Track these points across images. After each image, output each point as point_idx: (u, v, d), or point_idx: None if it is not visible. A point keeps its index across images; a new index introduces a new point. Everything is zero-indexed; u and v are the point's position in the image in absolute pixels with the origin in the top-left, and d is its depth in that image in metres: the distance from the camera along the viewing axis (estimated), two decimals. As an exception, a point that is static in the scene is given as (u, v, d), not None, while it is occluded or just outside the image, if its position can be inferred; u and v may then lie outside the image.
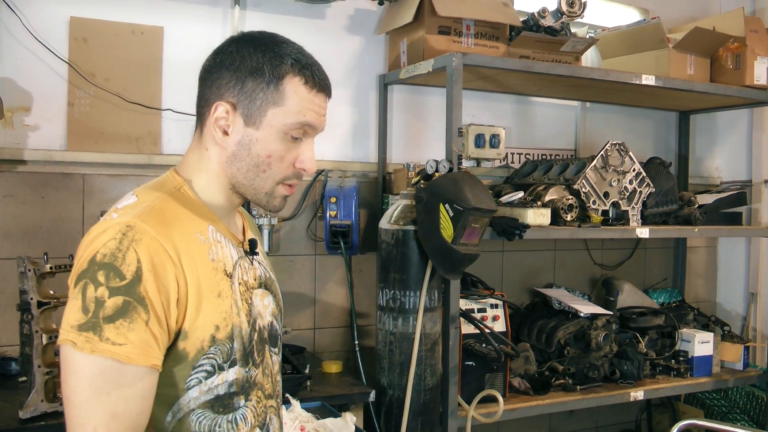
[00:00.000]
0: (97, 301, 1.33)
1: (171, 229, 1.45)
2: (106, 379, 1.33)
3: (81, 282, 1.36)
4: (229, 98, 1.53)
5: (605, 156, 3.44)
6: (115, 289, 1.34)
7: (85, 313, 1.33)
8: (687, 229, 3.76)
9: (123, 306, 1.34)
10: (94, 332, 1.32)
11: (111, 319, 1.33)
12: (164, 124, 3.34)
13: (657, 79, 3.51)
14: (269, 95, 1.52)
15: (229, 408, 1.52)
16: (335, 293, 3.69)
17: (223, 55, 1.56)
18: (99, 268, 1.35)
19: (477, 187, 2.87)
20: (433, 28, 3.33)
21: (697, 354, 3.81)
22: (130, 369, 1.34)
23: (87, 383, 1.33)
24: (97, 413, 1.33)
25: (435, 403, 3.05)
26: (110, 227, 1.40)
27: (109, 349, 1.32)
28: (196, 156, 1.60)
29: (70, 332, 1.33)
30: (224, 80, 1.53)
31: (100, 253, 1.36)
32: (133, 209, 1.45)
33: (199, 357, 1.46)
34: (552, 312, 3.69)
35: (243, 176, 1.57)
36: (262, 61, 1.53)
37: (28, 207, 3.10)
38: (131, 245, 1.37)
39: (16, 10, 3.06)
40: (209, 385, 1.48)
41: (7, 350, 3.02)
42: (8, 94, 3.04)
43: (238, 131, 1.54)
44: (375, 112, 3.76)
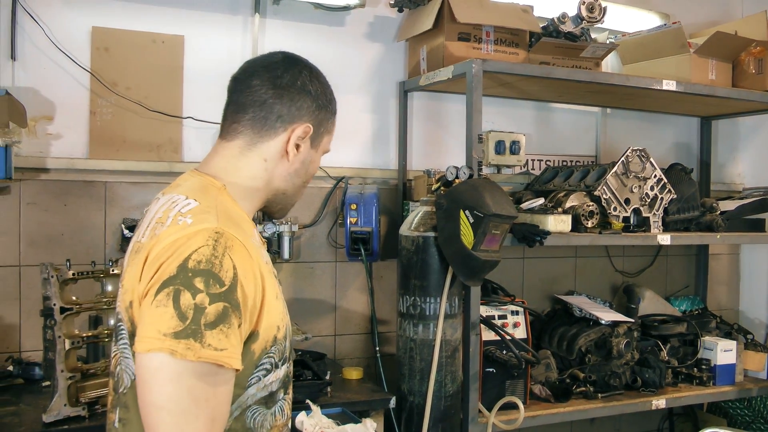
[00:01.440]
0: (196, 308, 1.35)
1: (242, 232, 1.51)
2: (206, 384, 1.36)
3: (169, 288, 1.37)
4: (308, 121, 1.67)
5: (626, 162, 3.42)
6: (216, 295, 1.37)
7: (182, 320, 1.34)
8: (709, 235, 3.73)
9: (223, 312, 1.37)
10: (195, 339, 1.34)
11: (213, 325, 1.36)
12: (185, 132, 3.36)
13: (678, 84, 3.50)
14: (328, 125, 1.74)
15: (274, 402, 1.59)
16: (356, 300, 3.69)
17: (302, 78, 1.68)
18: (195, 274, 1.37)
19: (497, 194, 2.86)
20: (452, 35, 3.33)
21: (720, 362, 3.77)
22: (227, 373, 1.40)
23: (187, 391, 1.35)
24: (199, 419, 1.36)
25: (455, 410, 3.03)
26: (196, 233, 1.43)
27: (212, 355, 1.35)
28: (242, 163, 1.64)
29: (165, 340, 1.33)
30: (306, 103, 1.67)
31: (193, 260, 1.38)
32: (208, 213, 1.49)
33: (262, 357, 1.52)
34: (573, 319, 3.67)
35: (293, 189, 1.72)
36: (330, 96, 1.75)
37: (51, 214, 3.13)
38: (226, 252, 1.41)
39: (39, 20, 3.10)
40: (265, 383, 1.55)
41: (31, 355, 3.05)
42: (31, 104, 3.08)
43: (306, 151, 1.69)
44: (395, 119, 3.77)
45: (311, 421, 2.46)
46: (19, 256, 3.08)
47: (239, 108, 1.64)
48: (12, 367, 2.96)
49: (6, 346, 3.07)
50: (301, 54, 3.57)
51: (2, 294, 3.07)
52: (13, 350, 3.07)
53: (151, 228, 1.52)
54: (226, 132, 1.67)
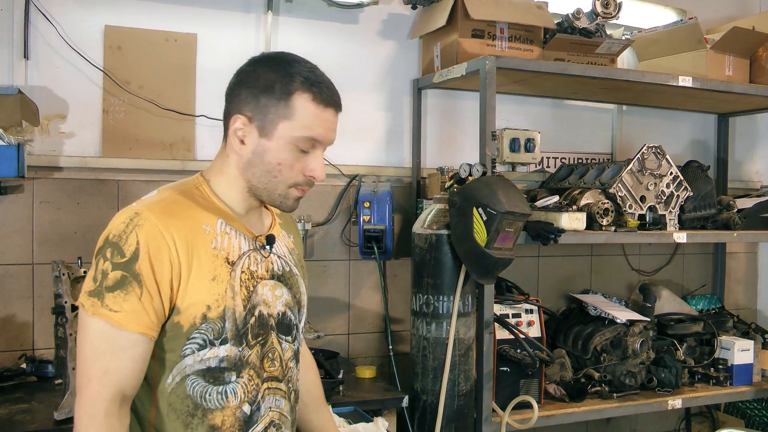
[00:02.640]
0: (103, 273, 1.58)
1: (174, 219, 1.65)
2: (104, 340, 1.57)
3: (97, 256, 1.62)
4: (245, 112, 1.72)
5: (642, 159, 3.39)
6: (117, 264, 1.58)
7: (94, 282, 1.59)
8: (726, 233, 3.70)
9: (121, 279, 1.58)
10: (98, 298, 1.57)
11: (111, 288, 1.57)
12: (198, 130, 3.36)
13: (694, 80, 3.46)
14: (280, 110, 1.70)
15: (220, 381, 1.70)
16: (369, 298, 3.68)
17: (242, 75, 1.76)
18: (107, 245, 1.60)
19: (511, 191, 2.84)
20: (466, 32, 3.31)
21: (737, 362, 3.72)
22: (123, 334, 1.58)
23: (90, 341, 1.58)
24: (94, 367, 1.57)
25: (469, 409, 3.01)
26: (123, 212, 1.66)
27: (106, 314, 1.56)
28: (219, 161, 1.82)
29: (82, 296, 1.60)
30: (242, 96, 1.73)
31: (110, 233, 1.62)
32: (148, 200, 1.70)
33: (192, 331, 1.66)
34: (588, 318, 3.64)
35: (257, 180, 1.76)
36: (274, 79, 1.71)
37: (64, 213, 3.13)
38: (134, 229, 1.60)
39: (52, 19, 3.10)
40: (201, 357, 1.67)
41: (44, 353, 3.06)
42: (44, 102, 3.08)
43: (253, 141, 1.73)
44: (409, 116, 3.75)
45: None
46: (32, 254, 3.09)
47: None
48: (25, 365, 2.96)
49: (19, 344, 3.08)
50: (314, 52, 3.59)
51: (15, 292, 3.07)
52: (26, 348, 3.08)
53: None
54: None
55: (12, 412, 2.54)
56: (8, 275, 3.06)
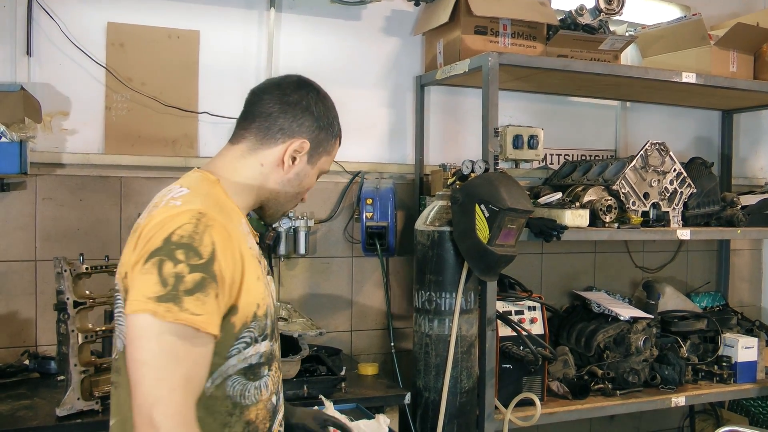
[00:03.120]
0: (176, 276, 1.51)
1: (227, 218, 1.68)
2: (183, 345, 1.50)
3: (154, 259, 1.53)
4: (307, 137, 1.84)
5: (645, 156, 3.38)
6: (195, 266, 1.52)
7: (163, 285, 1.50)
8: (730, 230, 3.68)
9: (200, 281, 1.52)
10: (174, 303, 1.49)
11: (190, 291, 1.51)
12: (201, 127, 3.36)
13: (698, 76, 3.44)
14: (328, 146, 1.90)
15: (257, 376, 1.73)
16: (372, 295, 3.68)
17: (308, 99, 1.85)
18: (177, 247, 1.53)
19: (513, 188, 2.83)
20: (469, 28, 3.30)
21: (741, 359, 3.70)
22: (201, 337, 1.53)
23: (167, 349, 1.49)
24: (175, 375, 1.49)
25: (471, 406, 3.01)
26: (181, 213, 1.59)
27: (188, 318, 1.49)
28: (240, 164, 1.83)
29: (148, 303, 1.49)
30: (308, 122, 1.84)
31: (176, 234, 1.54)
32: (196, 198, 1.66)
33: (242, 330, 1.67)
34: (591, 315, 3.63)
35: (284, 197, 1.88)
36: (332, 120, 1.90)
37: (67, 210, 3.13)
38: (206, 230, 1.57)
39: (54, 16, 3.10)
40: (245, 355, 1.69)
41: (47, 350, 3.06)
42: (47, 99, 3.09)
43: (301, 164, 1.85)
44: (412, 113, 3.75)
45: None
46: (34, 251, 3.09)
47: (248, 117, 1.84)
48: (28, 361, 2.97)
49: (22, 340, 3.08)
50: (317, 49, 3.61)
51: (18, 289, 3.08)
52: (29, 344, 3.09)
53: (148, 211, 1.70)
54: (233, 137, 1.86)
55: (14, 408, 2.55)
56: (11, 271, 3.07)
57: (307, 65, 3.51)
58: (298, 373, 2.88)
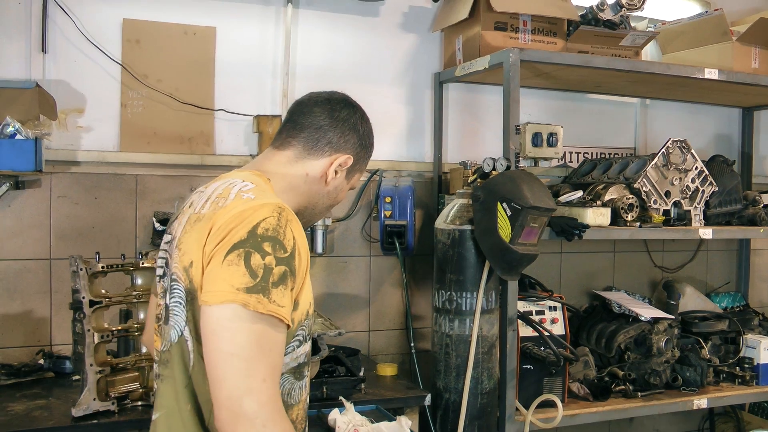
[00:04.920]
0: (265, 268, 1.54)
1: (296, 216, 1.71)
2: (270, 336, 1.54)
3: (240, 250, 1.55)
4: (351, 154, 1.91)
5: (666, 154, 3.33)
6: (281, 259, 1.56)
7: (253, 277, 1.53)
8: (752, 229, 3.63)
9: (284, 274, 1.57)
10: (264, 294, 1.52)
11: (276, 284, 1.55)
12: (217, 124, 3.32)
13: (720, 73, 3.39)
14: (363, 165, 1.98)
15: (301, 376, 1.76)
16: (390, 295, 3.64)
17: (355, 118, 1.93)
18: (264, 239, 1.56)
19: (535, 186, 2.79)
20: (488, 24, 3.26)
21: (763, 361, 3.63)
22: (282, 327, 1.57)
23: (256, 340, 1.51)
24: (266, 365, 1.51)
25: (492, 408, 2.97)
26: (263, 206, 1.61)
27: (276, 310, 1.53)
28: (287, 170, 1.86)
29: (238, 294, 1.51)
30: (353, 139, 1.91)
31: (261, 227, 1.57)
32: (266, 192, 1.71)
33: (298, 328, 1.70)
34: (612, 315, 3.57)
35: (320, 207, 1.94)
36: (372, 141, 1.99)
37: (82, 207, 3.11)
38: (288, 224, 1.61)
39: (70, 12, 3.08)
40: (297, 354, 1.72)
41: (62, 349, 3.04)
42: (62, 96, 3.06)
43: (341, 179, 1.92)
44: (430, 110, 3.71)
45: (344, 418, 2.41)
46: (49, 249, 3.06)
47: (297, 126, 1.88)
48: (43, 361, 2.95)
49: (37, 339, 3.05)
50: (335, 45, 3.58)
51: (33, 287, 3.05)
52: (44, 344, 3.06)
53: (212, 202, 1.70)
54: (279, 143, 1.89)
55: (29, 408, 2.52)
56: (26, 270, 3.04)
57: (325, 62, 3.48)
58: (316, 374, 2.84)
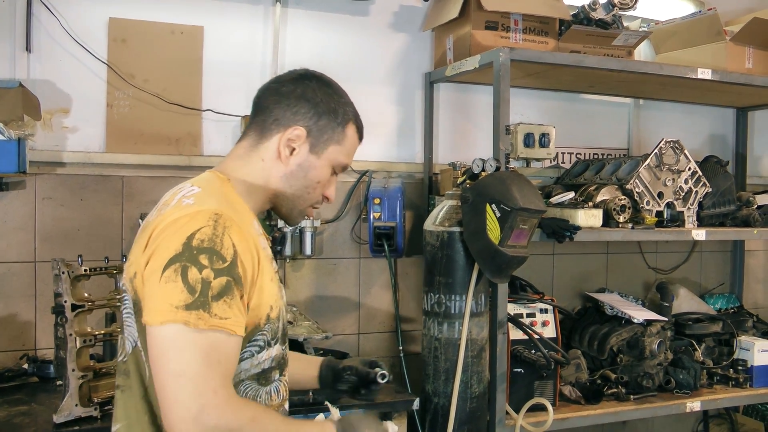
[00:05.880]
0: (203, 282, 1.49)
1: (242, 217, 1.66)
2: (218, 350, 1.49)
3: (176, 264, 1.50)
4: (303, 125, 1.79)
5: (659, 154, 3.30)
6: (219, 270, 1.52)
7: (191, 293, 1.48)
8: (745, 231, 3.60)
9: (227, 285, 1.52)
10: (204, 309, 1.48)
11: (217, 296, 1.50)
12: (204, 125, 3.29)
13: (713, 72, 3.36)
14: (335, 134, 1.83)
15: (269, 381, 1.72)
16: (380, 297, 3.60)
17: (303, 87, 1.81)
18: (199, 252, 1.51)
19: (525, 187, 2.75)
20: (479, 24, 3.23)
21: (757, 363, 3.61)
22: (233, 339, 1.53)
23: (202, 356, 1.47)
24: (214, 379, 1.47)
25: (482, 412, 2.93)
26: (197, 213, 1.56)
27: (220, 324, 1.49)
28: (244, 162, 1.80)
29: (177, 312, 1.47)
30: (303, 109, 1.79)
31: (196, 238, 1.52)
32: (209, 197, 1.63)
33: (255, 333, 1.65)
34: (604, 318, 3.55)
35: (292, 193, 1.82)
36: (337, 105, 1.83)
37: (67, 209, 3.07)
38: (225, 231, 1.55)
39: (55, 11, 3.04)
40: (258, 360, 1.68)
41: (47, 353, 3.00)
42: (47, 96, 3.03)
43: (302, 155, 1.80)
44: (421, 111, 3.67)
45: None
46: (34, 252, 3.02)
47: (251, 114, 1.85)
48: (27, 366, 2.91)
49: (21, 343, 3.01)
50: (324, 45, 3.54)
51: (17, 290, 3.01)
52: (28, 348, 3.02)
53: (158, 209, 1.67)
54: (241, 137, 1.86)
55: (11, 414, 2.48)
56: (10, 273, 3.00)
57: (314, 62, 3.36)
58: (303, 378, 2.80)
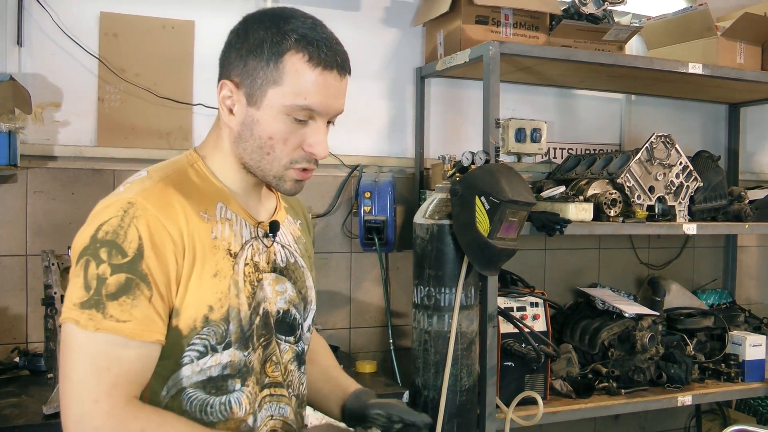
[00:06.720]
0: (99, 279, 1.35)
1: (172, 207, 1.45)
2: (108, 355, 1.34)
3: (83, 259, 1.37)
4: (233, 77, 1.52)
5: (650, 149, 3.31)
6: (117, 266, 1.36)
7: (87, 290, 1.34)
8: (737, 225, 3.60)
9: (125, 283, 1.36)
10: (97, 309, 1.34)
11: (114, 296, 1.35)
12: (195, 119, 3.29)
13: (704, 67, 3.36)
14: (269, 74, 1.48)
15: (223, 390, 1.52)
16: (371, 292, 3.61)
17: (232, 35, 1.56)
18: (101, 245, 1.37)
19: (514, 180, 2.75)
20: (470, 18, 3.23)
21: (749, 358, 3.61)
22: (134, 344, 1.36)
23: (88, 360, 1.33)
24: (98, 386, 1.33)
25: (472, 405, 2.93)
26: (112, 203, 1.42)
27: (112, 326, 1.34)
28: (214, 135, 1.62)
29: (72, 310, 1.35)
30: (231, 59, 1.53)
31: (102, 230, 1.38)
32: (140, 185, 1.46)
33: (191, 336, 1.46)
34: (596, 312, 3.55)
35: (249, 157, 1.55)
36: (264, 38, 1.48)
37: (59, 203, 3.07)
38: (132, 222, 1.38)
39: (46, 5, 3.04)
40: (201, 366, 1.48)
41: (38, 347, 2.99)
42: (38, 90, 3.03)
43: (242, 111, 1.52)
44: (412, 105, 3.67)
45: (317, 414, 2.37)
46: (25, 245, 3.03)
47: None
48: (18, 359, 2.91)
49: (12, 337, 3.02)
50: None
51: (8, 284, 3.01)
52: (19, 341, 3.02)
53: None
54: None
55: (1, 406, 2.48)
56: (1, 267, 3.00)
57: (305, 56, 3.44)
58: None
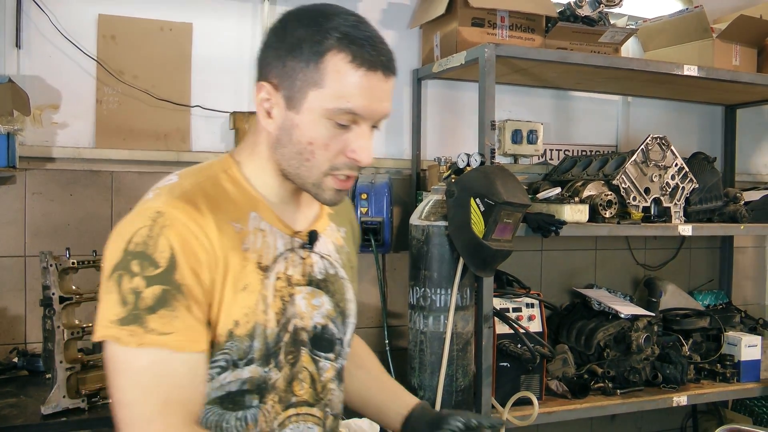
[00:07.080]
0: (134, 293, 1.29)
1: (204, 215, 1.38)
2: (155, 371, 1.29)
3: (116, 273, 1.31)
4: (271, 78, 1.43)
5: (646, 150, 3.32)
6: (151, 278, 1.29)
7: (123, 305, 1.29)
8: (732, 226, 3.61)
9: (162, 295, 1.30)
10: (138, 324, 1.28)
11: (152, 309, 1.29)
12: (193, 121, 3.30)
13: (700, 69, 3.37)
14: (309, 75, 1.38)
15: (240, 406, 1.46)
16: (368, 292, 3.62)
17: (270, 33, 1.47)
18: (133, 257, 1.30)
19: (510, 181, 2.77)
20: (466, 20, 3.25)
21: (744, 358, 3.63)
22: (180, 357, 1.31)
23: (135, 379, 1.29)
24: (149, 405, 1.28)
25: (467, 405, 2.95)
26: (141, 212, 1.35)
27: (156, 340, 1.28)
28: (251, 139, 1.53)
29: (110, 327, 1.29)
30: (269, 59, 1.44)
31: (132, 242, 1.31)
32: (170, 192, 1.39)
33: (215, 352, 1.40)
34: (592, 313, 3.56)
35: (287, 164, 1.46)
36: (304, 36, 1.39)
37: (57, 205, 3.08)
38: (162, 231, 1.32)
39: (45, 8, 3.05)
40: (221, 382, 1.43)
41: (36, 347, 3.01)
42: (37, 92, 3.03)
43: (280, 114, 1.43)
44: (409, 107, 3.69)
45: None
46: (24, 246, 3.04)
47: None
48: (17, 359, 2.92)
49: (11, 337, 3.03)
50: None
51: (7, 285, 3.03)
52: (18, 341, 3.03)
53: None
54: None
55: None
56: (0, 267, 3.02)
57: (302, 58, 3.46)
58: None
